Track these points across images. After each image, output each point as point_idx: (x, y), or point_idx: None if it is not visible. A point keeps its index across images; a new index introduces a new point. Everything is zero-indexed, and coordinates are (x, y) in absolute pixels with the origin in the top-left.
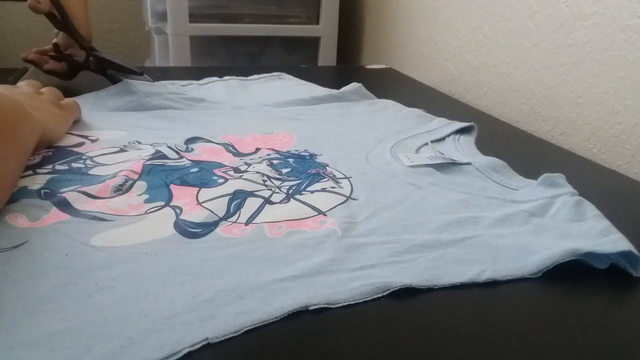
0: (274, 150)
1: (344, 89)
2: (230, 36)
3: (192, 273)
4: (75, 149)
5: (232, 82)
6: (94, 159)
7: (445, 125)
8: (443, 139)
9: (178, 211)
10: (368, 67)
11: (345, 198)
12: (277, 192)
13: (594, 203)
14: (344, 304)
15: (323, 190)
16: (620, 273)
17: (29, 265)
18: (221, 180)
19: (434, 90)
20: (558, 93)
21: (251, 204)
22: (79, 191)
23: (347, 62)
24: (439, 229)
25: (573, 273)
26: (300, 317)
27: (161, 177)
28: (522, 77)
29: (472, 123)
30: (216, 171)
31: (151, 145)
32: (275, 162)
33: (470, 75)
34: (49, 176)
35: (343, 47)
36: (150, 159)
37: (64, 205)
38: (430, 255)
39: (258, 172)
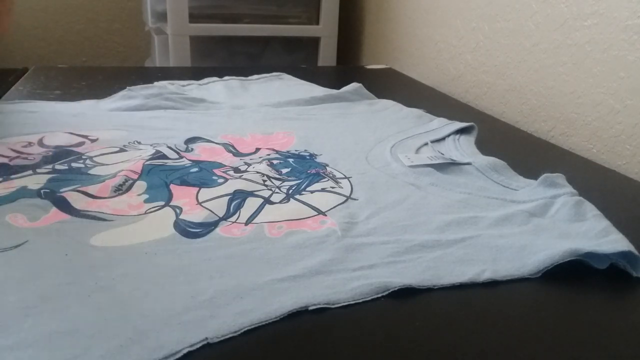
0: (273, 150)
1: (344, 89)
2: (230, 36)
3: (192, 273)
4: (75, 149)
5: (232, 82)
6: (94, 158)
7: (445, 125)
8: (443, 139)
9: (178, 211)
10: (368, 67)
11: (345, 198)
12: (277, 192)
13: (594, 203)
14: (344, 304)
15: (323, 190)
16: (620, 273)
17: (29, 265)
18: (221, 180)
19: (434, 90)
20: (558, 93)
21: (251, 204)
22: (78, 191)
23: (347, 62)
24: (439, 229)
25: (573, 273)
26: (300, 317)
27: (161, 177)
28: (522, 77)
29: (472, 123)
30: (216, 171)
31: (151, 145)
32: (275, 162)
33: (470, 75)
34: (49, 176)
35: (343, 47)
36: (150, 159)
37: (64, 205)
38: (430, 255)
39: (258, 172)
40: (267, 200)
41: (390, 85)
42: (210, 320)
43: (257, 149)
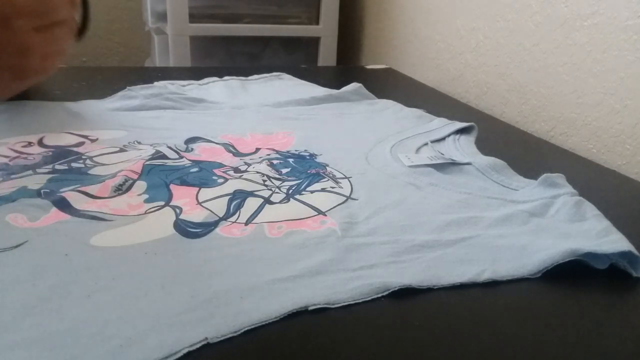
0: (273, 150)
1: (344, 89)
2: (230, 36)
3: (192, 273)
4: (75, 149)
5: (232, 82)
6: (94, 158)
7: (445, 125)
8: (443, 139)
9: (178, 211)
10: (368, 67)
11: (345, 198)
12: (277, 192)
13: (594, 203)
14: (344, 304)
15: (323, 190)
16: (620, 273)
17: (29, 265)
18: (221, 180)
19: (434, 90)
20: (558, 93)
21: (251, 204)
22: (78, 191)
23: (347, 62)
24: (439, 229)
25: (573, 273)
26: (300, 317)
27: (161, 177)
28: (522, 77)
29: (472, 123)
30: (216, 171)
31: (151, 145)
32: (275, 162)
33: (470, 75)
34: (49, 176)
35: (343, 47)
36: (150, 159)
37: (64, 205)
38: (430, 255)
39: (258, 172)
40: (267, 200)
41: (390, 85)
42: (210, 320)
43: (257, 149)
